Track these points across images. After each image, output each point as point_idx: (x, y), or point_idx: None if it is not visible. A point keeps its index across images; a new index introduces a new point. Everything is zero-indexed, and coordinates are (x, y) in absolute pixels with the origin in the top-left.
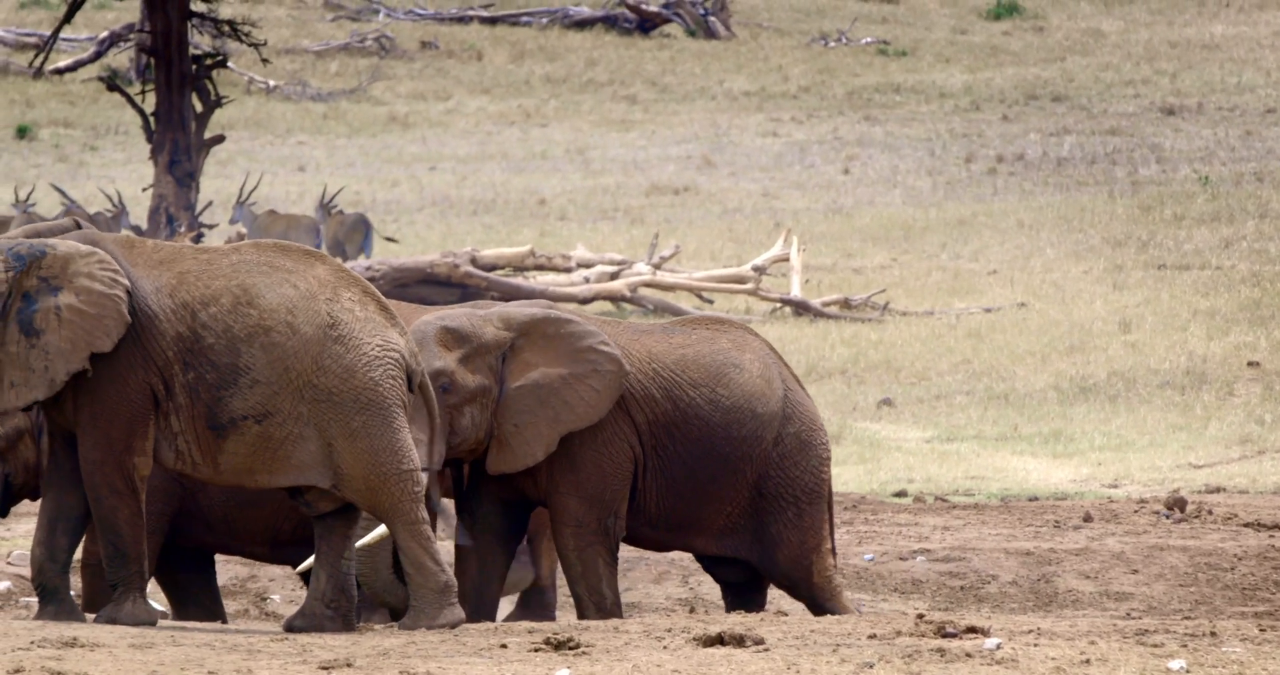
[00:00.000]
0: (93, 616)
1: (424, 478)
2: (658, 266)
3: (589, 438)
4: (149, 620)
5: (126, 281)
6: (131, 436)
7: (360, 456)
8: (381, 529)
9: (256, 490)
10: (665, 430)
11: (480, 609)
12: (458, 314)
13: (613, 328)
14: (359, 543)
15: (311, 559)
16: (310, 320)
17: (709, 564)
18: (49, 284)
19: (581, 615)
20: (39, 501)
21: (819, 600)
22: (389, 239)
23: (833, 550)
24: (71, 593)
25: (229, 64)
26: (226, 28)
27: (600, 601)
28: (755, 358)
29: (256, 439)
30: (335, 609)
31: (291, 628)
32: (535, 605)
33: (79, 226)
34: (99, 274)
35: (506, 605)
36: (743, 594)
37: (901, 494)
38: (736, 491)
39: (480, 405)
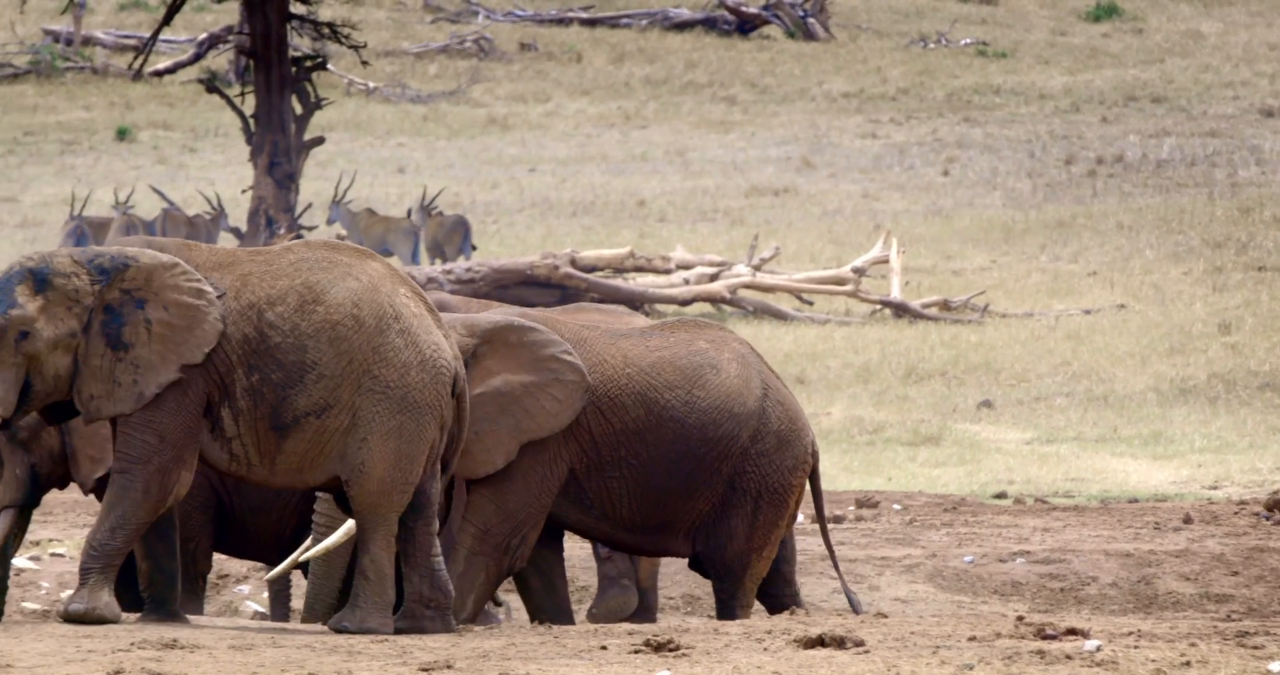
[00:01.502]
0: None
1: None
2: (757, 268)
3: (531, 453)
4: (116, 618)
5: (213, 291)
6: (182, 448)
7: (386, 457)
8: (346, 528)
9: (264, 494)
10: (637, 436)
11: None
12: None
13: (590, 333)
14: (321, 546)
15: (282, 566)
16: (374, 312)
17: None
18: (133, 296)
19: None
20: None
21: (736, 601)
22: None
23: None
24: None
25: (329, 66)
26: (326, 30)
27: (462, 608)
28: (733, 358)
29: (314, 434)
30: (435, 607)
31: (397, 629)
32: (636, 607)
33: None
34: (185, 286)
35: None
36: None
37: (1001, 496)
38: (711, 490)
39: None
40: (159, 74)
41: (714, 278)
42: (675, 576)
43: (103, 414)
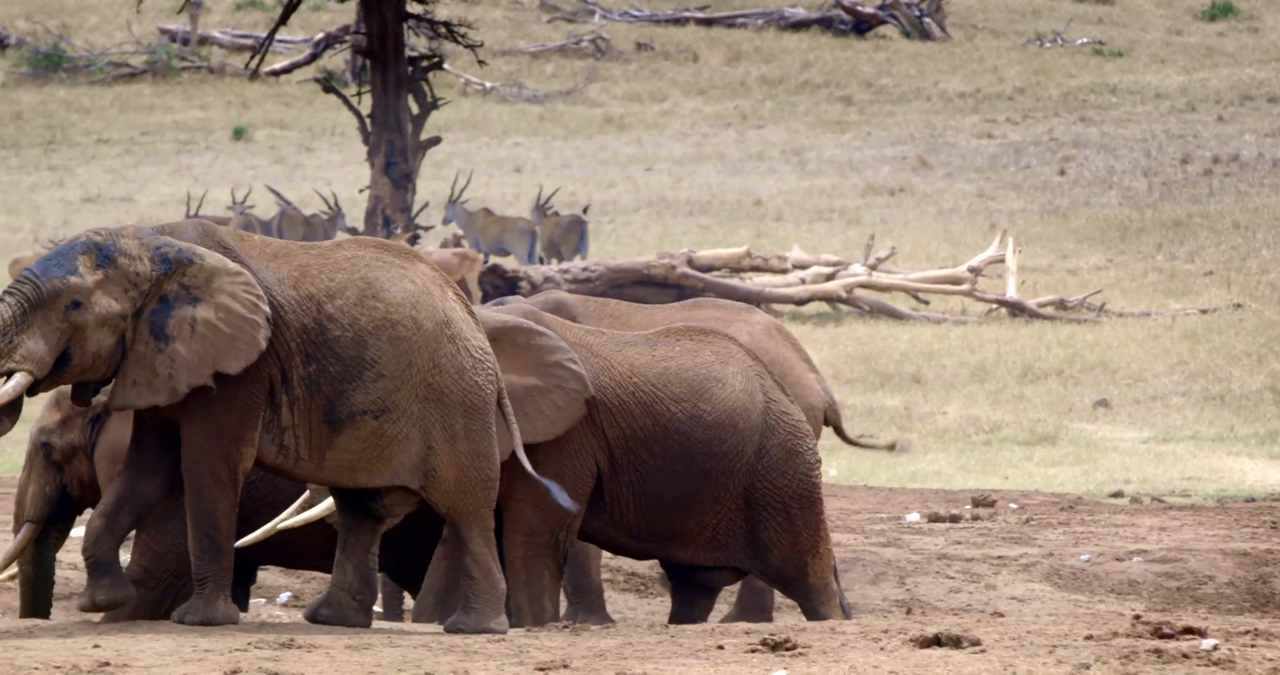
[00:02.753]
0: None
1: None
2: (873, 267)
3: (553, 449)
4: (236, 620)
5: (268, 309)
6: (242, 427)
7: (457, 459)
8: (325, 505)
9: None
10: (644, 444)
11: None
12: None
13: (596, 338)
14: (298, 517)
15: (251, 536)
16: (430, 316)
17: (698, 571)
18: (189, 293)
19: (519, 623)
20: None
21: (812, 602)
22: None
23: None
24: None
25: (445, 65)
26: (443, 29)
27: (540, 613)
28: (738, 371)
29: (370, 435)
30: (360, 600)
31: (316, 617)
32: (752, 607)
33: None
34: (242, 295)
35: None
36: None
37: (1118, 495)
38: (719, 504)
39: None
40: (275, 73)
41: (830, 277)
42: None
43: (138, 402)
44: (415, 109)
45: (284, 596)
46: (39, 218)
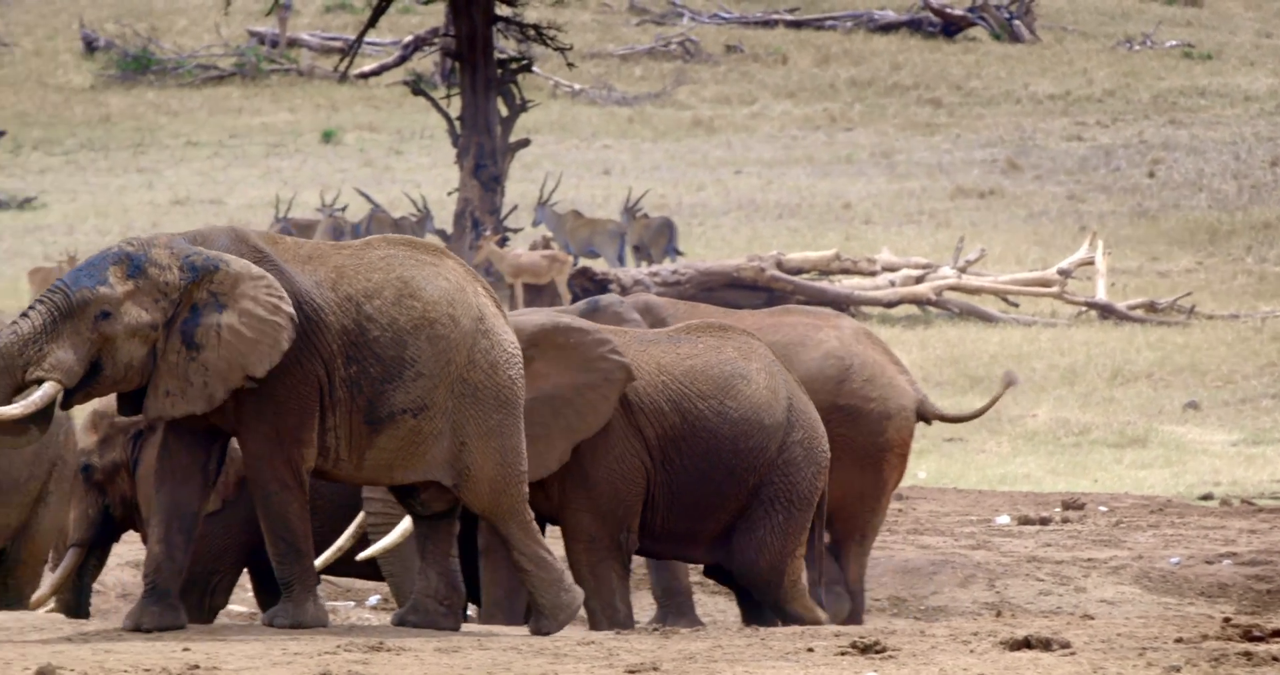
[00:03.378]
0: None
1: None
2: (963, 270)
3: (601, 452)
4: (325, 622)
5: (291, 310)
6: (301, 429)
7: (491, 455)
8: (403, 527)
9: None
10: (673, 443)
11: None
12: None
13: (620, 337)
14: (380, 544)
15: (324, 555)
16: (466, 313)
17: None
18: (217, 300)
19: (594, 628)
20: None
21: (784, 604)
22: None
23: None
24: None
25: (534, 68)
26: (531, 32)
27: (613, 615)
28: (761, 367)
29: (409, 433)
30: (448, 605)
31: (404, 623)
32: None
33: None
34: (263, 299)
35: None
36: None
37: (1208, 497)
38: (737, 502)
39: None
40: (364, 76)
41: (920, 280)
42: (881, 579)
43: (173, 412)
44: (504, 111)
45: (373, 599)
46: (128, 220)
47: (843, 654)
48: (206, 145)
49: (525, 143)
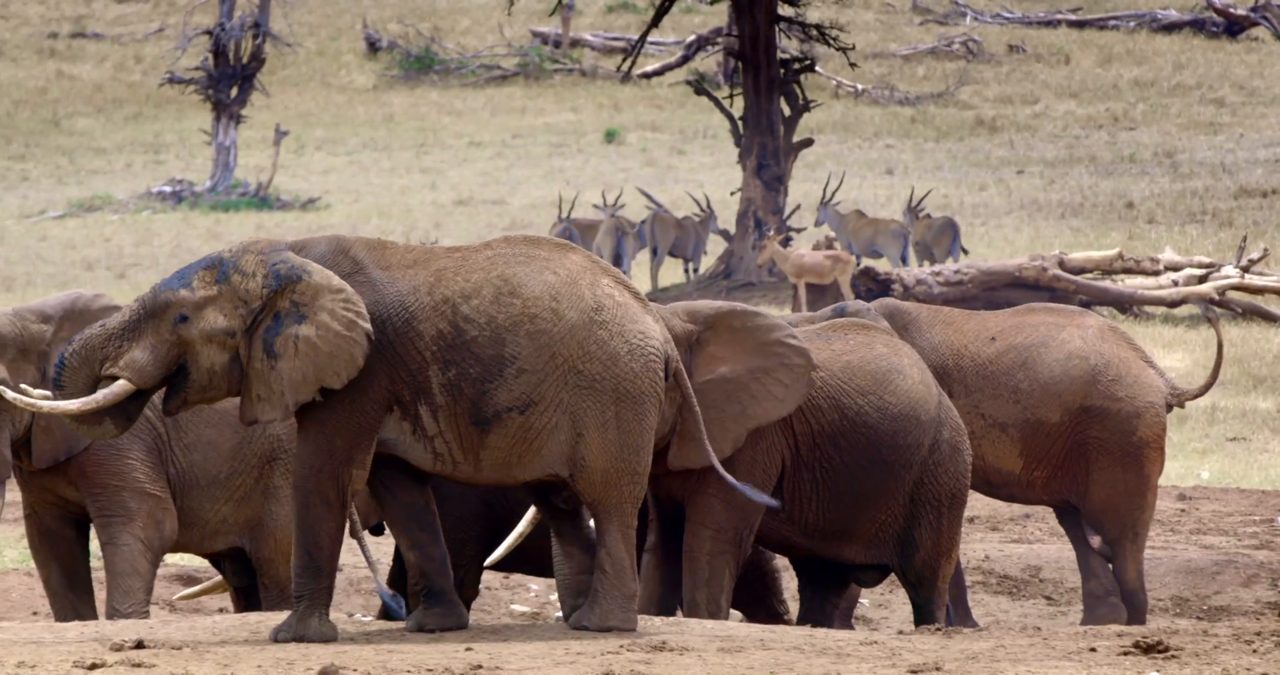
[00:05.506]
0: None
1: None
2: (1246, 269)
3: (748, 444)
4: (331, 638)
5: (367, 326)
6: (354, 449)
7: (607, 449)
8: (520, 529)
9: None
10: (830, 440)
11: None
12: None
13: None
14: (504, 545)
15: (498, 552)
16: (574, 305)
17: (848, 569)
18: (298, 310)
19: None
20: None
21: (932, 604)
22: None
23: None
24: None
25: (817, 68)
26: (814, 32)
27: (715, 612)
28: (912, 363)
29: (519, 430)
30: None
31: (580, 626)
32: (1126, 609)
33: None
34: (340, 313)
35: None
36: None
37: None
38: (894, 499)
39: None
40: (647, 76)
41: (1203, 279)
42: (1164, 578)
43: (261, 417)
44: (787, 111)
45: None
46: (410, 221)
47: (1125, 654)
48: (489, 145)
49: (809, 142)
